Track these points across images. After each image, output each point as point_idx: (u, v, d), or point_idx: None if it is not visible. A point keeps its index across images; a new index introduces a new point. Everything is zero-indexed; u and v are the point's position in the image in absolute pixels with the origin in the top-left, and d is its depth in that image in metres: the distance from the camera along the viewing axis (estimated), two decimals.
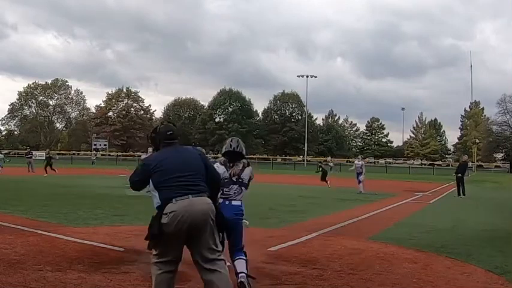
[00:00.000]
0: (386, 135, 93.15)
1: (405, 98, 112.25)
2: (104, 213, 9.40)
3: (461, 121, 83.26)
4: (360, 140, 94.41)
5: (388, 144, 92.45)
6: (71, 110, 77.14)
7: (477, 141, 67.59)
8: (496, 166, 71.04)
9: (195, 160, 3.54)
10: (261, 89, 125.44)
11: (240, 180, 4.52)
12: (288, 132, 75.29)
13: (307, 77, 68.15)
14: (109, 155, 65.60)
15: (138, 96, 76.03)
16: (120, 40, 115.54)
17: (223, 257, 3.51)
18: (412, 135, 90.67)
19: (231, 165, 4.51)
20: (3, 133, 78.02)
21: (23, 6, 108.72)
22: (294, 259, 5.70)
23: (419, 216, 11.06)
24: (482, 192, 20.85)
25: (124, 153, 68.36)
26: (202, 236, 3.34)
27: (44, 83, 75.58)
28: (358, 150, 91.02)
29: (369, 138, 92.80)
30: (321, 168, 21.47)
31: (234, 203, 4.47)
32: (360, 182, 17.89)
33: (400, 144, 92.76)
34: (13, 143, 69.99)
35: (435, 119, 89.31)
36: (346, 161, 71.79)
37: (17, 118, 75.87)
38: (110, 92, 75.75)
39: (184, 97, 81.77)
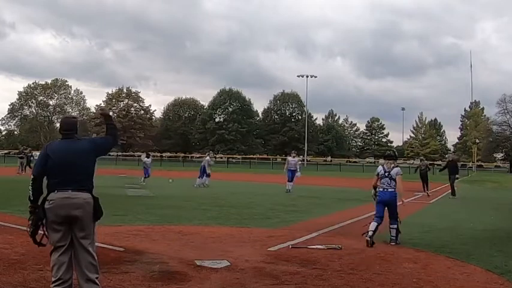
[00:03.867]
0: (387, 135, 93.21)
1: (405, 98, 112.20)
2: (104, 213, 9.38)
3: (461, 121, 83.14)
4: (360, 140, 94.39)
5: (388, 144, 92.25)
6: (71, 110, 76.80)
7: (477, 141, 67.51)
8: (496, 166, 70.97)
9: (84, 154, 3.80)
10: (261, 89, 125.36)
11: (390, 176, 6.99)
12: (288, 132, 75.21)
13: (307, 77, 68.16)
14: (109, 155, 65.52)
15: (139, 96, 76.01)
16: (119, 39, 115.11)
17: (95, 256, 3.78)
18: (412, 135, 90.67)
19: (387, 163, 7.13)
20: (3, 133, 78.01)
21: (21, 5, 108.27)
22: (294, 259, 5.70)
23: (419, 216, 11.05)
24: (482, 192, 20.85)
25: (124, 153, 68.31)
26: (81, 225, 3.68)
27: (44, 83, 75.48)
28: (358, 150, 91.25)
29: (368, 138, 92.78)
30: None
31: (389, 190, 6.99)
32: (292, 180, 16.98)
33: (400, 144, 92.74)
34: (13, 143, 69.92)
35: (435, 119, 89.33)
36: (346, 161, 71.88)
37: (17, 118, 75.77)
38: (110, 92, 75.77)
39: (184, 97, 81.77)
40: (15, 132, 77.14)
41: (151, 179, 19.23)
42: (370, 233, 6.70)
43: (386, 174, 7.03)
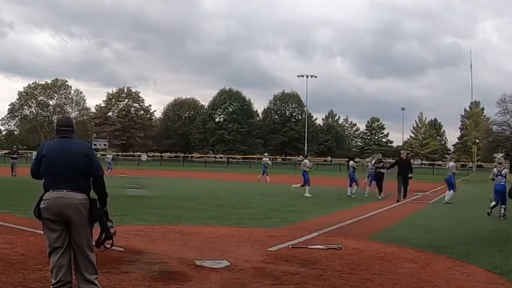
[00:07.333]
0: (387, 135, 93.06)
1: (405, 98, 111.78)
2: None
3: (461, 121, 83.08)
4: (360, 140, 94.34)
5: (388, 144, 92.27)
6: (70, 110, 76.90)
7: (477, 141, 67.51)
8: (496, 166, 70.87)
9: (76, 156, 3.73)
10: (260, 89, 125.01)
11: (501, 174, 10.73)
12: (288, 132, 75.17)
13: (307, 76, 68.04)
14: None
15: (139, 96, 76.00)
16: (118, 39, 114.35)
17: (93, 256, 3.74)
18: (412, 135, 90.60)
19: (498, 166, 11.06)
20: (3, 133, 78.00)
21: (19, 5, 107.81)
22: (294, 259, 5.70)
23: (419, 216, 11.06)
24: (482, 192, 20.81)
25: (124, 153, 68.32)
26: (75, 226, 3.64)
27: (44, 83, 75.48)
28: (358, 150, 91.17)
29: (368, 138, 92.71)
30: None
31: (501, 183, 10.58)
32: (454, 188, 14.66)
33: (400, 144, 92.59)
34: (13, 143, 69.94)
35: (435, 119, 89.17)
36: (347, 161, 71.82)
37: (17, 118, 75.79)
38: (110, 92, 75.72)
39: (184, 97, 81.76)
40: (15, 132, 77.14)
41: (151, 179, 19.23)
42: (490, 206, 10.51)
43: (499, 173, 10.79)
